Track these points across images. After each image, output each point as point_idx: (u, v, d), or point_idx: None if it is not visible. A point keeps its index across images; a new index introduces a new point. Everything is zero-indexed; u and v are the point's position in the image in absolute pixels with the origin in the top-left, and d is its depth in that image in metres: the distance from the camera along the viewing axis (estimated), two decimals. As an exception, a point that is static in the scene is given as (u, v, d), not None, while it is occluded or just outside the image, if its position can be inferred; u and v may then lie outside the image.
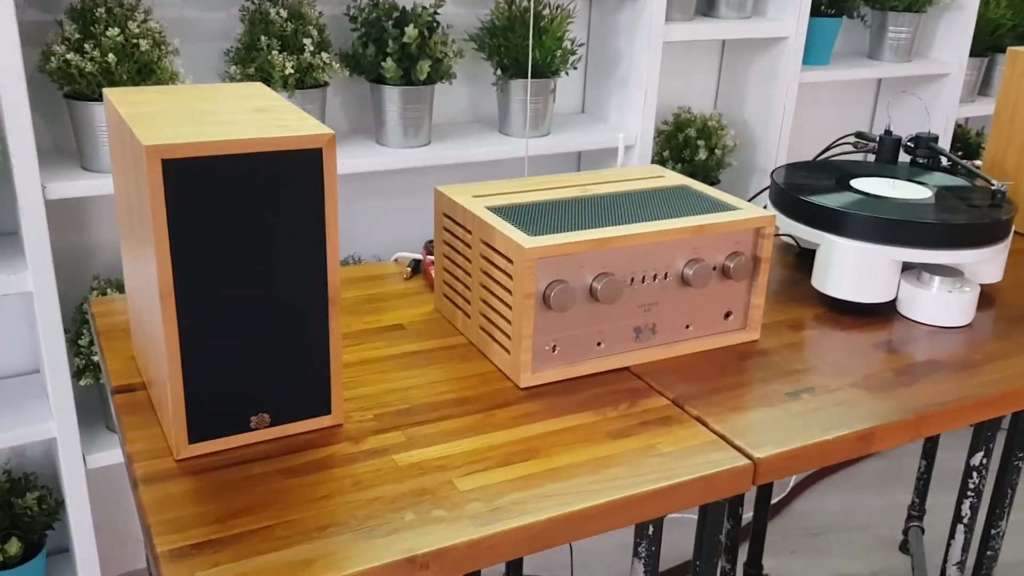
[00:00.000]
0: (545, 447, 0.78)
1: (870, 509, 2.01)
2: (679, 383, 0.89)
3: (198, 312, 0.71)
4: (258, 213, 0.70)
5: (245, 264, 0.71)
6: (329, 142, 0.71)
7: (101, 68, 1.23)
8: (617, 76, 1.70)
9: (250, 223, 0.70)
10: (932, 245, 1.03)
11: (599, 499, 0.71)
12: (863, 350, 0.98)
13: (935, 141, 1.31)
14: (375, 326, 0.99)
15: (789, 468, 0.78)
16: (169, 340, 0.71)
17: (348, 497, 0.70)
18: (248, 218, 0.70)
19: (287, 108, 0.79)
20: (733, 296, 0.97)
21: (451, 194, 0.97)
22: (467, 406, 0.84)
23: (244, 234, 0.70)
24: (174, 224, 0.68)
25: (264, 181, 0.70)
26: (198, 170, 0.67)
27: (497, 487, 0.72)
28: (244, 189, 0.69)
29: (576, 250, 0.86)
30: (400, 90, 1.46)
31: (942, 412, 0.85)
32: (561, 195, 0.99)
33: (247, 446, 0.76)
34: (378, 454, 0.76)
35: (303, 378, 0.76)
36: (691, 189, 1.03)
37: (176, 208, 0.68)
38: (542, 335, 0.87)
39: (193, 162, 0.67)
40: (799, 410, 0.85)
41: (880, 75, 1.96)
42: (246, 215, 0.70)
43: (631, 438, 0.80)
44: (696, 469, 0.75)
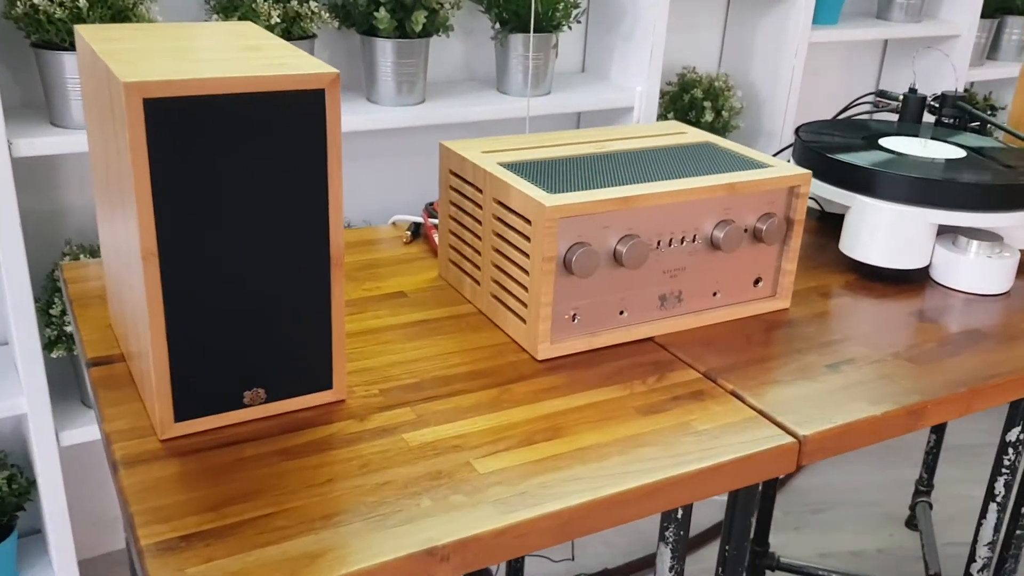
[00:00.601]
0: (569, 425, 0.71)
1: (875, 484, 1.96)
2: (708, 355, 0.82)
3: (185, 275, 0.63)
4: (253, 163, 0.62)
5: (237, 221, 0.63)
6: (333, 82, 0.63)
7: (72, 14, 1.13)
8: (620, 32, 1.62)
9: (244, 174, 0.62)
10: (970, 207, 0.96)
11: (633, 482, 0.64)
12: (900, 319, 0.91)
13: (963, 99, 1.24)
14: (375, 294, 0.92)
15: (836, 447, 0.72)
16: (152, 307, 0.63)
17: (355, 481, 0.63)
18: (242, 168, 0.62)
19: (282, 47, 0.70)
20: (763, 261, 0.90)
21: (459, 149, 0.89)
22: (481, 380, 0.76)
23: (237, 187, 0.62)
24: (158, 175, 0.60)
25: (260, 126, 0.61)
26: (185, 112, 0.59)
27: (520, 469, 0.65)
28: (237, 135, 0.61)
29: (600, 209, 0.78)
30: (393, 43, 1.37)
31: (994, 385, 0.79)
32: (577, 151, 0.91)
33: (240, 424, 0.68)
34: (386, 433, 0.68)
35: (302, 349, 0.69)
36: (716, 146, 0.96)
37: (160, 156, 0.59)
38: (562, 303, 0.80)
39: (179, 102, 0.59)
40: (841, 383, 0.78)
41: (890, 35, 1.89)
42: (239, 165, 0.62)
43: (663, 414, 0.73)
44: (737, 448, 0.68)
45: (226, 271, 0.64)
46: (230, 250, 0.63)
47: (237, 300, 0.65)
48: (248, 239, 0.64)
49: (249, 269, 0.64)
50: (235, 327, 0.65)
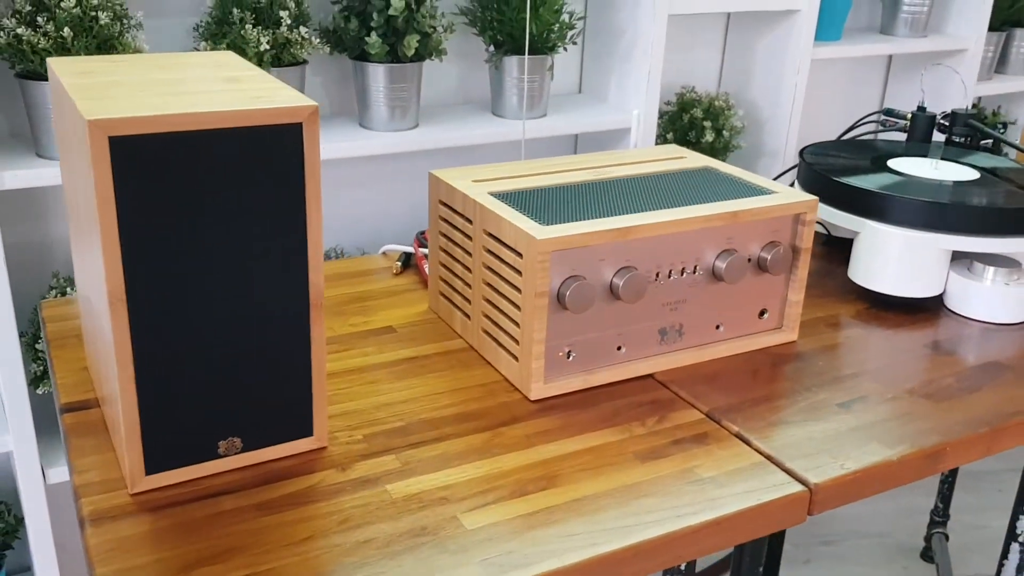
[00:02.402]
0: (564, 473, 0.66)
1: (887, 513, 1.91)
2: (712, 392, 0.78)
3: (154, 320, 0.59)
4: (227, 202, 0.58)
5: (211, 263, 0.59)
6: (311, 116, 0.59)
7: (56, 44, 1.10)
8: (618, 53, 1.58)
9: (218, 214, 0.58)
10: (986, 232, 0.92)
11: (632, 538, 0.60)
12: (914, 351, 0.87)
13: (974, 117, 1.20)
14: (362, 329, 0.88)
15: (849, 494, 0.68)
16: (120, 352, 0.59)
17: (335, 539, 0.59)
18: (215, 208, 0.58)
19: (262, 78, 0.67)
20: (769, 292, 0.86)
21: (448, 179, 0.86)
22: (471, 423, 0.72)
23: (210, 227, 0.58)
24: (125, 216, 0.56)
25: (233, 163, 0.58)
26: (153, 150, 0.56)
27: (510, 524, 0.61)
28: (210, 172, 0.57)
29: (594, 241, 0.74)
30: (385, 68, 1.33)
31: (1018, 423, 0.75)
32: (573, 179, 0.88)
33: (215, 476, 0.64)
34: (369, 484, 0.64)
35: (280, 396, 0.65)
36: (717, 171, 0.92)
37: (127, 196, 0.56)
38: (556, 339, 0.76)
39: (146, 140, 0.55)
40: (854, 423, 0.74)
41: (894, 51, 1.85)
42: (213, 204, 0.58)
43: (663, 460, 0.68)
44: (744, 499, 0.64)
45: (199, 315, 0.60)
46: (203, 293, 0.60)
47: (211, 345, 0.61)
48: (222, 282, 0.60)
49: (223, 313, 0.61)
50: (209, 374, 0.62)
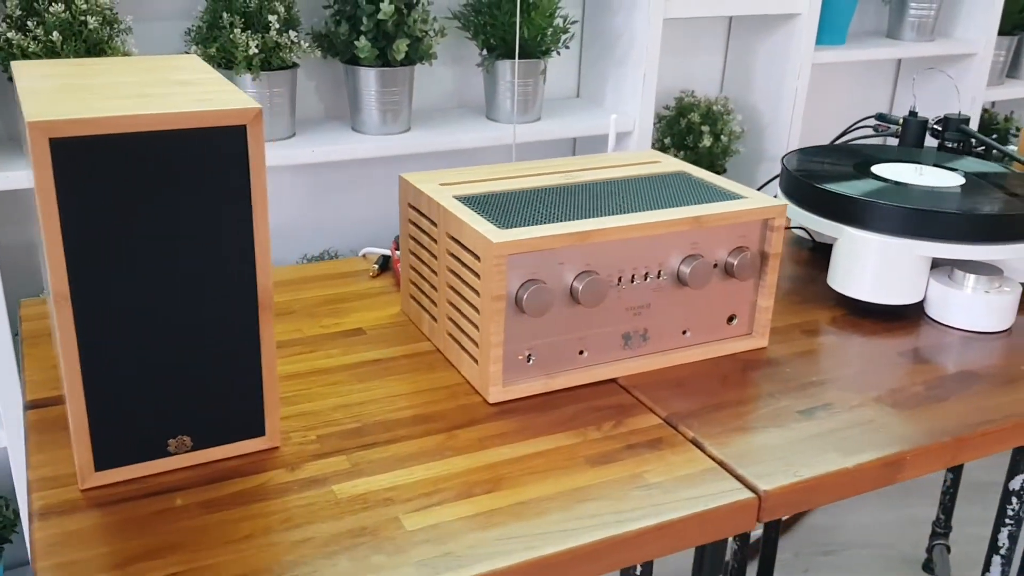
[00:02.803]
0: (512, 476, 0.66)
1: (890, 524, 1.88)
2: (674, 398, 0.78)
3: (100, 318, 0.60)
4: (171, 203, 0.59)
5: (156, 264, 0.60)
6: (255, 118, 0.60)
7: (46, 48, 1.12)
8: (614, 57, 1.58)
9: (162, 215, 0.59)
10: (967, 239, 0.91)
11: (571, 542, 0.59)
12: (887, 359, 0.86)
13: (966, 122, 1.18)
14: (333, 331, 0.88)
15: (801, 502, 0.67)
16: (67, 350, 0.60)
17: (275, 537, 0.59)
18: (159, 209, 0.59)
19: (215, 81, 0.67)
20: (737, 297, 0.85)
21: (416, 181, 0.86)
22: (427, 425, 0.73)
23: (155, 228, 0.59)
24: (68, 216, 0.57)
25: (177, 164, 0.59)
26: (95, 151, 0.56)
27: (451, 526, 0.60)
28: (153, 174, 0.58)
29: (553, 245, 0.74)
30: (376, 72, 1.34)
31: (984, 434, 0.73)
32: (542, 183, 0.87)
33: (166, 473, 0.65)
34: (316, 484, 0.65)
35: (230, 396, 0.65)
36: (691, 176, 0.91)
37: (69, 197, 0.57)
38: (514, 343, 0.76)
39: (88, 142, 0.56)
40: (814, 431, 0.73)
41: (900, 55, 1.83)
42: (157, 205, 0.59)
43: (614, 465, 0.68)
44: (689, 505, 0.63)
45: (145, 315, 0.61)
46: (149, 293, 0.60)
47: (158, 345, 0.62)
48: (168, 282, 0.61)
49: (170, 313, 0.61)
50: (157, 373, 0.62)
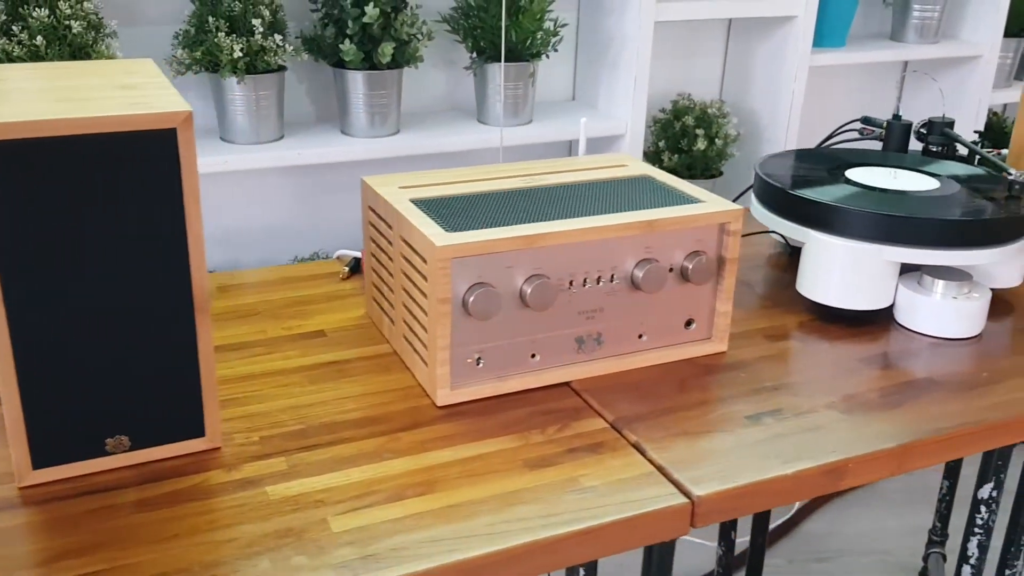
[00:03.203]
0: (448, 479, 0.66)
1: (890, 531, 1.85)
2: (624, 402, 0.77)
3: (34, 318, 0.61)
4: (102, 206, 0.60)
5: (89, 265, 0.61)
6: (185, 121, 0.61)
7: (30, 52, 1.14)
8: (607, 60, 1.58)
9: (93, 217, 0.60)
10: (934, 244, 0.89)
11: (495, 545, 0.59)
12: (848, 365, 0.85)
13: (950, 126, 1.16)
14: (294, 332, 0.89)
15: (736, 508, 0.66)
16: (1, 351, 0.61)
17: (201, 538, 0.60)
18: (90, 211, 0.60)
19: (158, 86, 0.68)
20: (695, 302, 0.85)
21: (375, 185, 0.86)
22: (372, 427, 0.73)
23: (86, 231, 0.60)
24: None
25: (107, 167, 0.59)
26: (21, 155, 0.57)
27: (377, 528, 0.61)
28: (83, 177, 0.59)
29: (500, 248, 0.74)
30: (364, 75, 1.35)
31: (933, 441, 0.72)
32: (501, 186, 0.88)
33: (103, 473, 0.66)
34: (251, 485, 0.65)
35: (168, 396, 0.66)
36: (654, 180, 0.91)
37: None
38: (463, 346, 0.76)
39: (13, 145, 0.57)
40: (759, 437, 0.72)
41: (901, 58, 1.81)
42: (87, 208, 0.60)
43: (551, 469, 0.68)
44: (620, 509, 0.63)
45: (79, 317, 0.62)
46: (83, 295, 0.61)
47: (93, 346, 0.63)
48: (102, 284, 0.62)
49: (104, 314, 0.62)
50: (92, 373, 0.63)
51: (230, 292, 0.97)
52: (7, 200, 0.58)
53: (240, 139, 1.35)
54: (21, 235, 0.59)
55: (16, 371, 0.61)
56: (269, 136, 1.37)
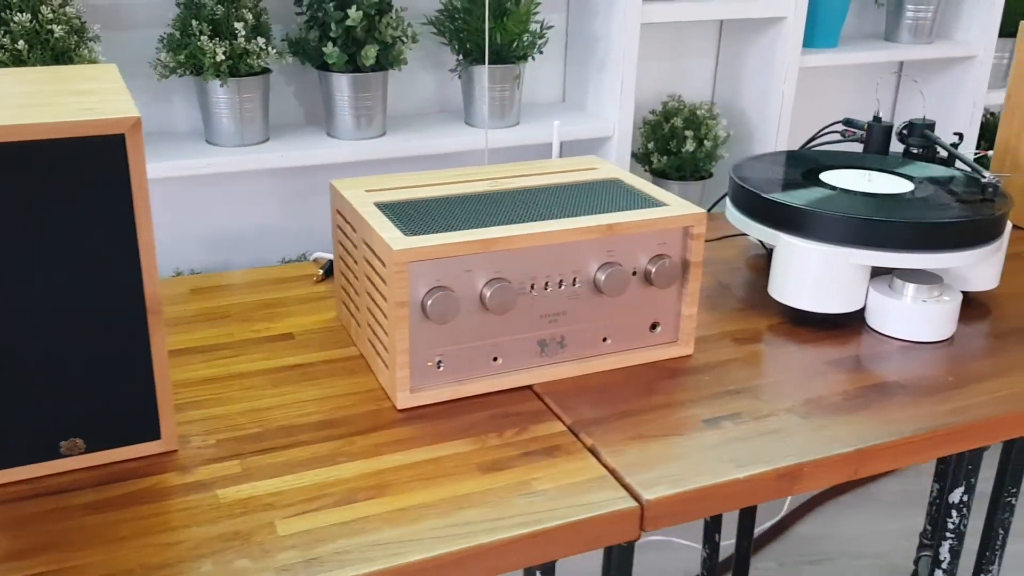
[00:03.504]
0: (399, 482, 0.67)
1: (884, 534, 1.84)
2: (585, 405, 0.77)
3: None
4: (53, 212, 0.61)
5: (40, 270, 0.61)
6: (133, 127, 0.61)
7: (12, 56, 1.15)
8: (595, 61, 1.57)
9: (45, 223, 0.61)
10: (904, 247, 0.89)
11: (439, 549, 0.59)
12: (815, 369, 0.85)
13: (931, 128, 1.16)
14: (262, 335, 0.89)
15: (687, 512, 0.66)
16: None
17: (148, 540, 0.60)
18: (41, 217, 0.60)
19: (114, 92, 0.69)
20: (660, 305, 0.84)
21: (342, 188, 0.87)
22: (330, 430, 0.73)
23: (36, 236, 0.61)
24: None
25: (56, 174, 0.60)
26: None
27: (323, 532, 0.61)
28: (30, 183, 0.60)
29: (458, 252, 0.74)
30: (348, 77, 1.36)
31: (886, 446, 0.72)
32: (468, 190, 0.88)
33: (59, 475, 0.67)
34: (203, 487, 0.66)
35: (122, 400, 0.67)
36: (623, 183, 0.91)
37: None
38: (422, 349, 0.76)
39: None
40: (715, 441, 0.72)
41: (895, 58, 1.79)
42: (36, 214, 0.60)
43: (504, 472, 0.68)
44: (569, 513, 0.63)
45: (30, 321, 0.62)
46: (35, 301, 0.62)
47: (46, 350, 0.63)
48: (54, 290, 0.62)
49: (57, 319, 0.63)
50: (47, 377, 0.64)
51: (203, 294, 0.98)
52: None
53: (225, 142, 1.36)
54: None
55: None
56: (254, 138, 1.37)
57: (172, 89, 1.43)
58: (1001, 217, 0.94)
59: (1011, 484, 0.95)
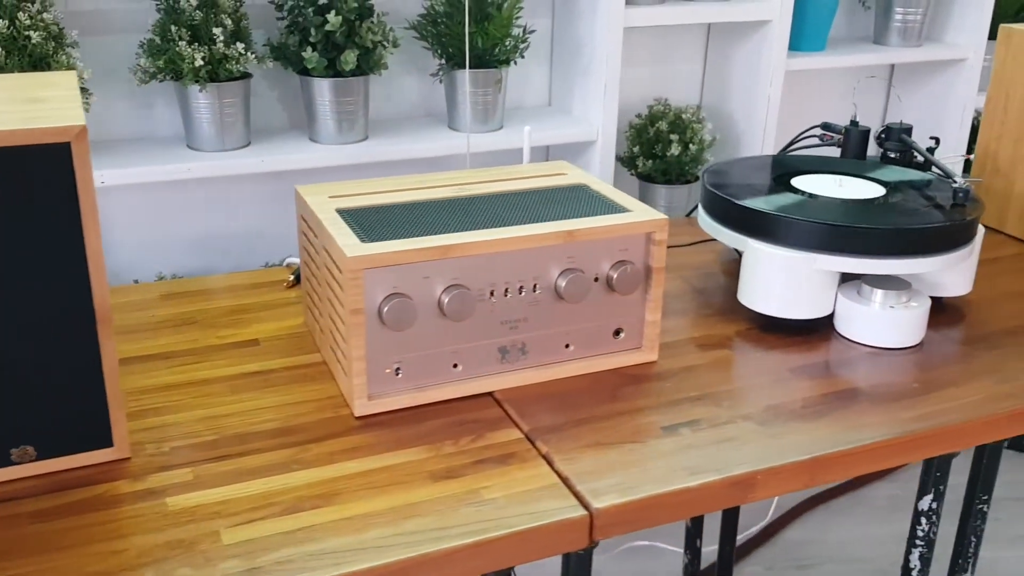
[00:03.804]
0: (349, 491, 0.66)
1: (874, 539, 1.83)
2: (544, 412, 0.77)
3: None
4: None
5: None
6: (78, 136, 0.61)
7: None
8: (580, 65, 1.57)
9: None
10: (869, 253, 0.88)
11: (383, 558, 0.59)
12: (778, 375, 0.84)
13: (908, 132, 1.15)
14: (228, 341, 0.89)
15: (637, 521, 0.66)
16: (-96, 362, 0.62)
17: (92, 548, 0.60)
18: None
19: (67, 99, 0.69)
20: (623, 311, 0.84)
21: (306, 194, 0.87)
22: (284, 438, 0.73)
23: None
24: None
25: (1, 182, 0.60)
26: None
27: (268, 541, 0.61)
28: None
29: (414, 259, 0.74)
30: (330, 82, 1.36)
31: (842, 455, 0.71)
32: (434, 195, 0.88)
33: (8, 483, 0.67)
34: (153, 495, 0.66)
35: (73, 408, 0.67)
36: (589, 189, 0.91)
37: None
38: (380, 356, 0.76)
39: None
40: (670, 448, 0.72)
41: (883, 61, 1.79)
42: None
43: (456, 480, 0.68)
44: (517, 522, 0.63)
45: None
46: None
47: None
48: (0, 298, 0.62)
49: (5, 328, 0.63)
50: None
51: (173, 300, 0.98)
52: (-101, 214, 0.58)
53: (205, 146, 1.36)
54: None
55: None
56: (235, 143, 1.38)
57: (155, 95, 1.43)
58: (972, 222, 0.93)
59: (982, 491, 0.94)
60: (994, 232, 1.22)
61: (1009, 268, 1.11)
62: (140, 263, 1.51)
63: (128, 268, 1.50)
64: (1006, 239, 1.20)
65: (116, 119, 1.43)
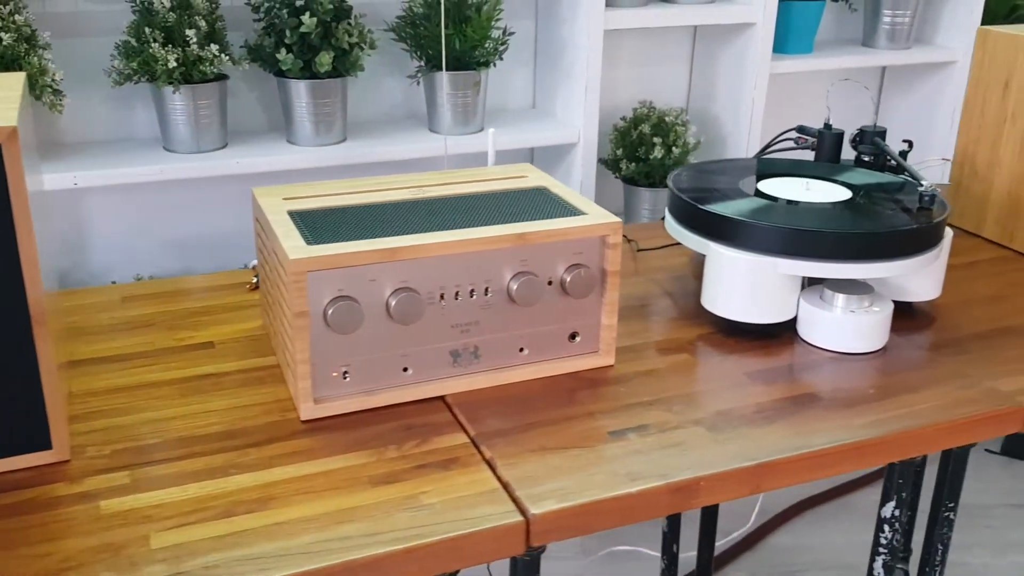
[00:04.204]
0: (285, 496, 0.66)
1: (860, 545, 1.81)
2: (494, 417, 0.76)
3: None
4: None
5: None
6: (8, 138, 0.61)
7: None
8: (562, 68, 1.56)
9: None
10: (831, 257, 0.87)
11: (310, 564, 0.59)
12: (735, 380, 0.83)
13: (882, 135, 1.14)
14: (183, 344, 0.89)
15: (575, 527, 0.65)
16: None
17: (18, 552, 0.60)
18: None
19: (3, 99, 0.69)
20: (578, 315, 0.83)
21: (260, 196, 0.86)
22: (227, 442, 0.72)
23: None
24: None
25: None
26: None
27: (196, 546, 0.60)
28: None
29: (359, 262, 0.73)
30: (306, 84, 1.35)
31: (788, 462, 0.70)
32: (390, 197, 0.87)
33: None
34: (87, 499, 0.65)
35: (10, 409, 0.66)
36: (548, 192, 0.90)
37: None
38: (327, 360, 0.75)
39: None
40: (616, 453, 0.71)
41: (871, 64, 1.77)
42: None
43: (395, 486, 0.67)
44: (451, 528, 0.62)
45: (-90, 328, 0.62)
46: (-84, 307, 0.62)
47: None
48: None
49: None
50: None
51: (134, 302, 0.98)
52: None
53: (181, 148, 1.36)
54: None
55: None
56: (211, 145, 1.37)
57: (134, 97, 1.43)
58: (937, 226, 0.92)
59: (948, 499, 0.93)
60: (971, 236, 1.21)
61: (985, 272, 1.10)
62: (119, 264, 1.51)
63: (106, 270, 1.50)
64: (983, 243, 1.18)
65: (95, 121, 1.43)
